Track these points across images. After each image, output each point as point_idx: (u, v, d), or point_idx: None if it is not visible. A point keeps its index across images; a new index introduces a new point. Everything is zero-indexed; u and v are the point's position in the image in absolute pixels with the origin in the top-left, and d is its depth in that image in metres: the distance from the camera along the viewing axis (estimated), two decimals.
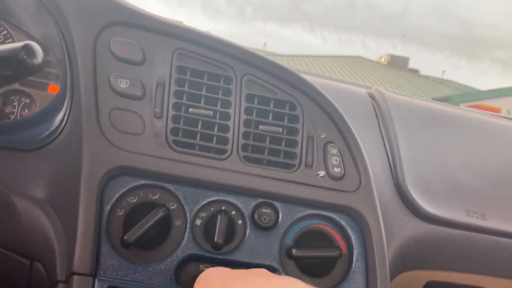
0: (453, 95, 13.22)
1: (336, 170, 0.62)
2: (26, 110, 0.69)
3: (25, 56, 0.53)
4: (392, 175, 0.76)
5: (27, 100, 0.68)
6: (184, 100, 0.61)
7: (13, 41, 0.68)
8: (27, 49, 0.54)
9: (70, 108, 0.60)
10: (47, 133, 0.60)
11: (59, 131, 0.60)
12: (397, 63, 19.51)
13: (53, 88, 0.68)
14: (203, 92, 0.61)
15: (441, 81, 18.05)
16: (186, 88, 0.61)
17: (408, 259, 0.73)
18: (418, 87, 15.28)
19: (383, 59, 19.96)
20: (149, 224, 0.55)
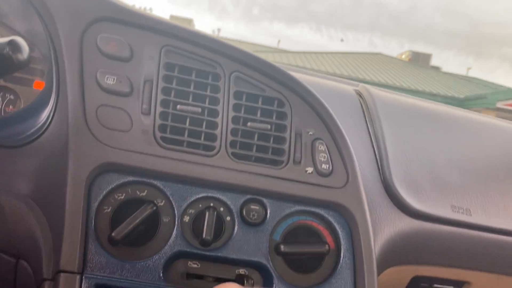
0: (488, 93, 12.32)
1: (324, 166, 0.63)
2: (11, 107, 0.68)
3: (10, 52, 0.53)
4: (379, 171, 0.77)
5: (12, 96, 0.68)
6: (172, 97, 0.60)
7: None
8: (12, 44, 0.53)
9: (56, 105, 0.59)
10: (32, 129, 0.59)
11: (44, 127, 0.59)
12: (419, 60, 18.46)
13: (38, 84, 0.68)
14: (191, 89, 0.61)
15: (468, 79, 16.72)
16: (174, 85, 0.61)
17: (395, 254, 0.74)
18: (445, 85, 14.22)
19: (403, 56, 19.02)
20: (137, 221, 0.55)
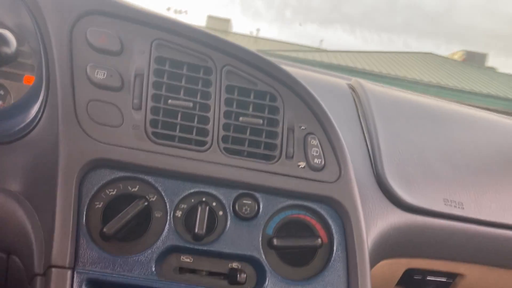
0: None
1: (317, 161, 0.63)
2: (1, 102, 0.67)
3: None
4: (372, 165, 0.77)
5: (2, 92, 0.67)
6: (163, 92, 0.60)
7: None
8: None
9: (46, 100, 0.58)
10: (22, 125, 0.59)
11: (35, 123, 0.58)
12: (474, 59, 16.75)
13: (29, 79, 0.67)
14: (183, 83, 0.61)
15: None
16: (165, 79, 0.61)
17: (388, 247, 0.74)
18: (507, 86, 12.73)
19: (456, 56, 17.43)
20: (129, 216, 0.55)
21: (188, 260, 0.58)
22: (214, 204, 0.59)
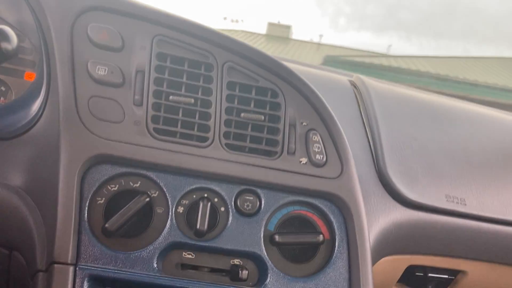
0: None
1: (318, 157, 0.63)
2: (2, 98, 0.67)
3: None
4: (374, 161, 0.77)
5: (3, 88, 0.67)
6: (164, 88, 0.60)
7: None
8: None
9: (47, 96, 0.58)
10: (24, 121, 0.59)
11: (36, 119, 0.58)
12: None
13: (30, 76, 0.67)
14: (184, 79, 0.61)
15: None
16: (166, 75, 0.60)
17: (390, 244, 0.74)
18: None
19: None
20: (131, 212, 0.55)
21: (190, 256, 0.58)
22: (216, 200, 0.59)
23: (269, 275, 0.58)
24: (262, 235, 0.59)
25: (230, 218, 0.59)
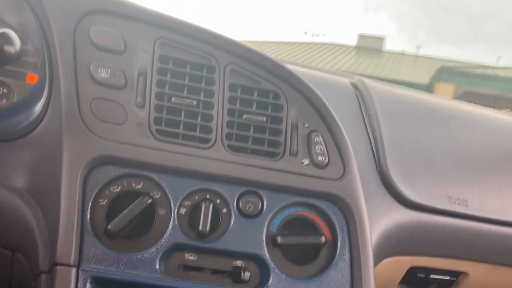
0: None
1: (320, 158, 0.63)
2: (4, 100, 0.67)
3: (0, 45, 0.52)
4: (376, 163, 0.77)
5: (5, 90, 0.67)
6: (166, 90, 0.60)
7: None
8: (3, 37, 0.53)
9: (50, 98, 0.59)
10: (26, 123, 0.59)
11: (38, 121, 0.59)
12: None
13: (32, 78, 0.67)
14: (186, 81, 0.61)
15: None
16: (168, 78, 0.61)
17: (392, 245, 0.74)
18: None
19: None
20: (133, 213, 0.55)
21: (192, 258, 0.58)
22: (218, 201, 0.59)
23: (271, 276, 0.58)
24: (264, 237, 0.60)
25: (232, 220, 0.59)
